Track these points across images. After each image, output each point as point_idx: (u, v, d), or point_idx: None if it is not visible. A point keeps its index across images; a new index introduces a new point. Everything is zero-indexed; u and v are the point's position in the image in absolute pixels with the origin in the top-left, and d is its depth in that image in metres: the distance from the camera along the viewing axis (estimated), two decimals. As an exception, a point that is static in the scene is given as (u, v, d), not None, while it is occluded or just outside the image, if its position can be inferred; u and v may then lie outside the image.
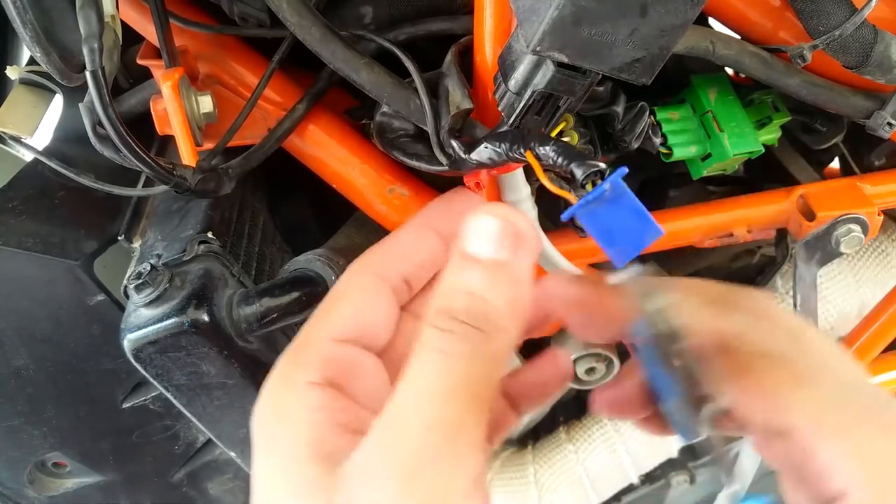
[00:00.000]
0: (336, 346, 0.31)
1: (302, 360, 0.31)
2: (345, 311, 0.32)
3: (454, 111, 0.41)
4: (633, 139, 0.50)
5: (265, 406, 0.30)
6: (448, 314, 0.27)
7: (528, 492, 0.80)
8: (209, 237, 0.50)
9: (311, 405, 0.29)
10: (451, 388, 0.26)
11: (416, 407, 0.26)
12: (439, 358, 0.26)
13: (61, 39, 0.36)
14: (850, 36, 0.43)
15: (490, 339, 0.27)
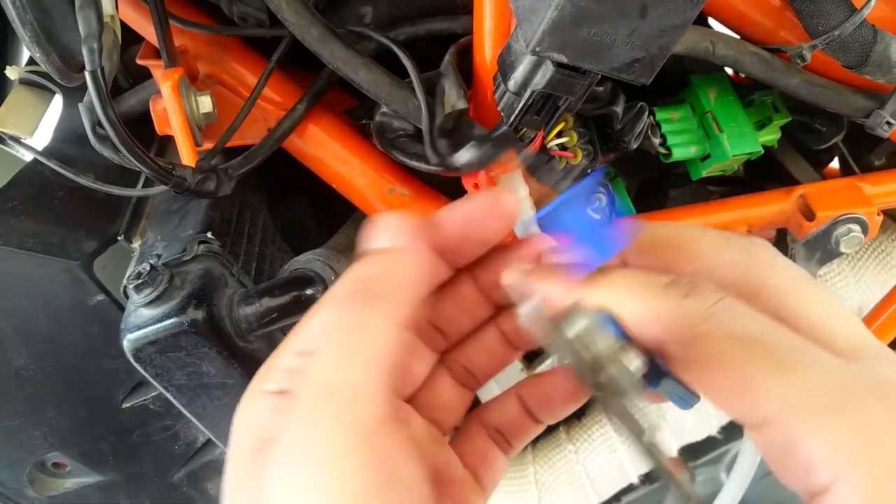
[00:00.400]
0: (299, 358, 0.30)
1: (268, 370, 0.30)
2: (315, 323, 0.31)
3: (448, 111, 0.41)
4: (633, 139, 0.50)
5: (235, 415, 0.29)
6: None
7: (528, 492, 0.80)
8: (209, 237, 0.50)
9: (263, 407, 0.28)
10: (352, 349, 0.25)
11: (314, 366, 0.25)
12: (336, 318, 0.26)
13: (61, 39, 0.36)
14: (850, 36, 0.43)
15: (385, 298, 0.26)
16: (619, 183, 0.59)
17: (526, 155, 0.29)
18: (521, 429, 0.35)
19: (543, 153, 0.45)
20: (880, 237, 0.66)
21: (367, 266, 0.28)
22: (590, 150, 0.50)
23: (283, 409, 0.26)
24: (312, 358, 0.25)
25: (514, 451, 0.35)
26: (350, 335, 0.25)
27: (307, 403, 0.24)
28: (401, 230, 0.29)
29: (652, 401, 0.28)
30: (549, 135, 0.48)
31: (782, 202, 0.58)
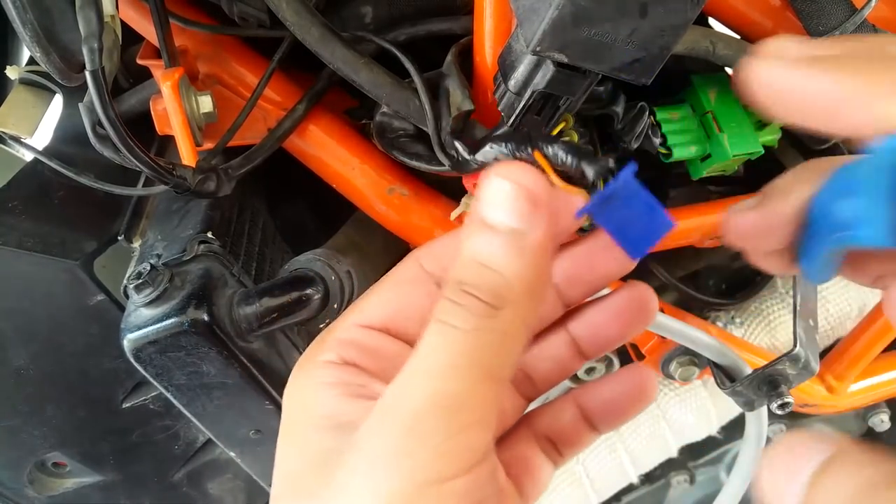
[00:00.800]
0: (360, 330, 0.31)
1: (324, 341, 0.31)
2: (375, 299, 0.32)
3: (455, 112, 0.41)
4: (633, 139, 0.50)
5: (289, 385, 0.31)
6: (459, 286, 0.26)
7: (528, 492, 0.80)
8: (209, 237, 0.50)
9: (325, 380, 0.29)
10: (455, 363, 0.25)
11: (419, 378, 0.25)
12: (446, 331, 0.25)
13: (61, 39, 0.36)
14: (850, 36, 0.43)
15: (499, 314, 0.25)
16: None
17: (555, 150, 0.28)
18: (576, 437, 0.34)
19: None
20: (880, 237, 0.65)
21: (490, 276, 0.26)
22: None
23: (363, 396, 0.28)
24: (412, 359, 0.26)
25: (563, 462, 0.35)
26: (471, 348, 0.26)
27: (405, 413, 0.25)
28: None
29: None
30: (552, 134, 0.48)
31: (782, 202, 0.58)
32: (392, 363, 0.30)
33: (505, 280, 0.26)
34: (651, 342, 0.66)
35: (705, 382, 0.78)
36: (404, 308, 0.32)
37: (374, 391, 0.29)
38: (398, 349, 0.31)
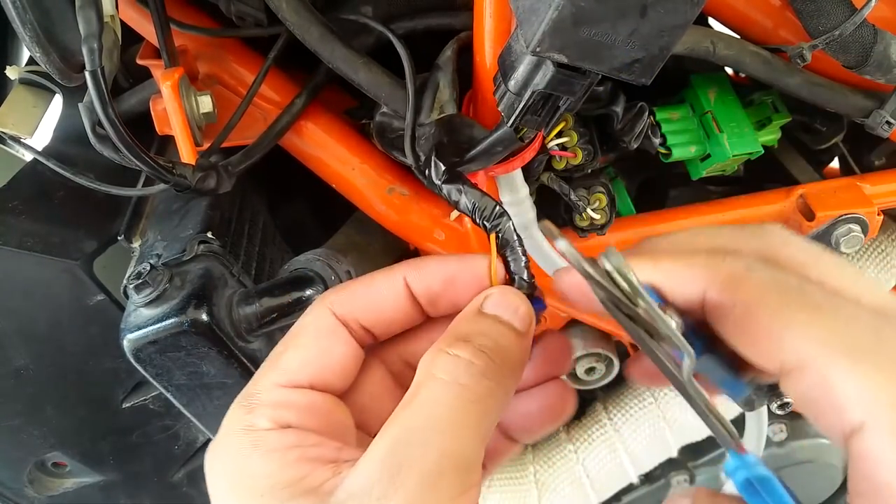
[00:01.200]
0: (285, 391, 0.30)
1: (250, 406, 0.30)
2: (294, 356, 0.31)
3: (437, 112, 0.41)
4: (633, 139, 0.50)
5: (220, 460, 0.29)
6: (471, 345, 0.28)
7: (528, 492, 0.80)
8: (209, 237, 0.50)
9: (274, 447, 0.28)
10: (468, 422, 0.26)
11: (434, 435, 0.25)
12: (455, 389, 0.27)
13: (61, 39, 0.36)
14: (850, 36, 0.43)
15: (505, 385, 0.28)
16: (619, 183, 0.59)
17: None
18: (497, 452, 0.35)
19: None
20: (880, 237, 0.66)
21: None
22: (590, 150, 0.50)
23: (322, 458, 0.27)
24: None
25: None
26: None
27: (425, 471, 0.25)
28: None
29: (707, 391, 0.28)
30: (550, 135, 0.48)
31: (782, 202, 0.58)
32: (328, 419, 0.31)
33: (509, 355, 0.29)
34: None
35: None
36: (326, 362, 0.32)
37: (332, 451, 0.28)
38: (327, 403, 0.31)
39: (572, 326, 0.69)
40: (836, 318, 0.24)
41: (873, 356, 0.23)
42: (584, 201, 0.53)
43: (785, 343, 0.24)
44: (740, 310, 0.25)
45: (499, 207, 0.35)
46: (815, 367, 0.23)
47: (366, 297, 0.33)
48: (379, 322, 0.33)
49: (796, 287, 0.25)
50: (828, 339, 0.23)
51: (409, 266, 0.33)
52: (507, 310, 0.31)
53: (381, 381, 0.36)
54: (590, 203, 0.53)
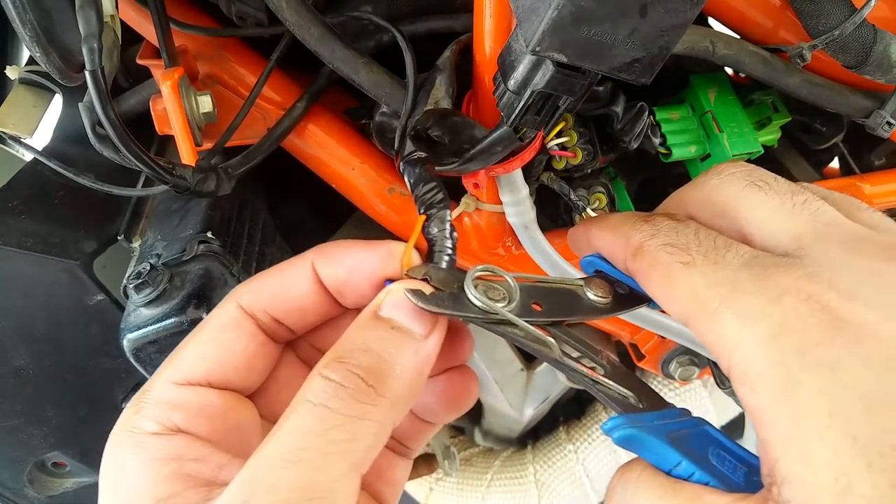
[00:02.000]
0: (180, 389, 0.29)
1: (140, 405, 0.28)
2: (192, 351, 0.30)
3: (431, 105, 0.41)
4: (633, 139, 0.50)
5: (107, 462, 0.28)
6: (344, 366, 0.26)
7: (528, 492, 0.80)
8: (209, 237, 0.50)
9: (153, 457, 0.26)
10: (328, 450, 0.24)
11: (283, 465, 0.24)
12: (322, 414, 0.25)
13: (61, 39, 0.36)
14: (850, 36, 0.43)
15: (380, 403, 0.26)
16: (619, 183, 0.59)
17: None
18: (416, 432, 0.35)
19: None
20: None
21: None
22: (590, 149, 0.50)
23: (200, 477, 0.26)
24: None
25: (414, 453, 0.35)
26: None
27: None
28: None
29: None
30: (549, 135, 0.48)
31: (782, 202, 0.58)
32: (224, 421, 0.29)
33: (397, 374, 0.27)
34: (651, 342, 0.66)
35: (705, 382, 0.78)
36: (227, 357, 0.30)
37: (218, 466, 0.27)
38: (226, 403, 0.29)
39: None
40: (712, 270, 0.26)
41: (725, 307, 0.24)
42: (584, 201, 0.53)
43: (672, 298, 0.26)
44: (643, 272, 0.28)
45: (440, 195, 0.35)
46: (690, 320, 0.26)
47: (275, 287, 0.31)
48: (290, 313, 0.31)
49: (684, 244, 0.27)
50: (700, 291, 0.25)
51: (317, 252, 0.31)
52: (405, 311, 0.28)
53: (299, 378, 0.34)
54: (590, 203, 0.53)
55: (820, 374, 0.22)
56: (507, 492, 0.81)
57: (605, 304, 0.32)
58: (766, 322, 0.23)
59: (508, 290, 0.30)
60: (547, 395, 0.76)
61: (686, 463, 0.25)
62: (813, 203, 0.27)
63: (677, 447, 0.26)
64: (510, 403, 0.77)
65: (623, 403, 0.29)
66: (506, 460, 0.83)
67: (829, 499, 0.20)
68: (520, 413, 0.78)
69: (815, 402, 0.21)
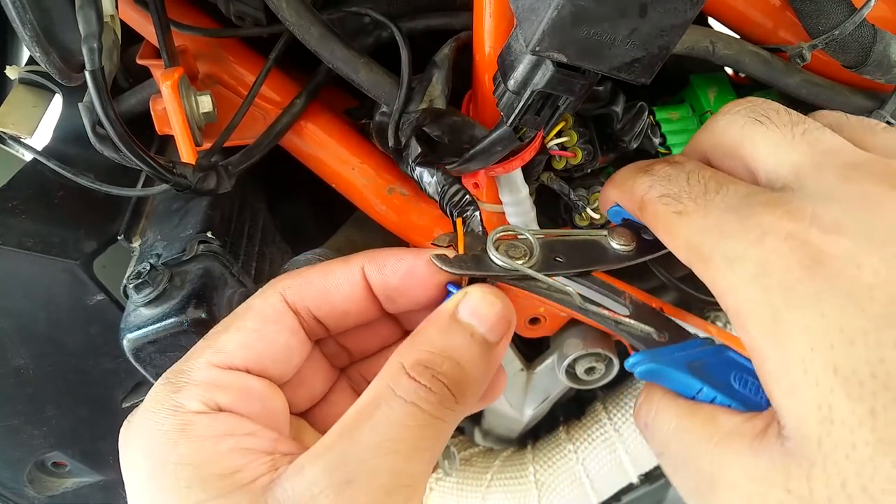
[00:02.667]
0: (220, 371, 0.29)
1: (179, 384, 0.28)
2: (233, 337, 0.30)
3: (426, 102, 0.41)
4: (633, 139, 0.50)
5: (146, 443, 0.27)
6: (431, 371, 0.28)
7: (528, 492, 0.80)
8: (209, 237, 0.50)
9: (206, 434, 0.27)
10: (420, 445, 0.26)
11: (385, 453, 0.25)
12: (414, 412, 0.27)
13: (61, 39, 0.36)
14: (850, 35, 0.43)
15: (457, 408, 0.28)
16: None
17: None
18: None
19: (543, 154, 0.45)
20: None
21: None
22: (589, 149, 0.50)
23: (257, 449, 0.27)
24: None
25: None
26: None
27: (375, 488, 0.25)
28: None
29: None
30: (549, 135, 0.48)
31: (782, 202, 0.58)
32: (262, 406, 0.29)
33: (472, 383, 0.29)
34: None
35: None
36: (267, 348, 0.30)
37: (267, 442, 0.27)
38: (263, 389, 0.30)
39: (572, 326, 0.69)
40: (702, 217, 0.26)
41: (714, 251, 0.25)
42: (583, 201, 0.53)
43: (677, 253, 0.28)
44: (650, 222, 0.29)
45: (468, 196, 0.36)
46: (696, 266, 0.26)
47: (321, 286, 0.32)
48: (332, 314, 0.32)
49: (677, 194, 0.28)
50: (693, 239, 0.26)
51: (366, 257, 0.32)
52: (483, 320, 0.30)
53: (324, 372, 0.35)
54: (589, 203, 0.53)
55: (801, 311, 0.22)
56: (507, 492, 0.81)
57: (628, 251, 0.33)
58: (749, 263, 0.24)
59: (529, 247, 0.32)
60: (547, 395, 0.76)
61: (707, 389, 0.27)
62: (813, 132, 0.28)
63: (697, 375, 0.27)
64: (510, 403, 0.77)
65: (646, 340, 0.30)
66: (506, 460, 0.83)
67: (813, 426, 0.21)
68: (520, 413, 0.78)
69: (798, 338, 0.22)
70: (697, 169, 0.29)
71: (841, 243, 0.23)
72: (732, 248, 0.25)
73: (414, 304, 0.32)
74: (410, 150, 0.40)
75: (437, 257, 0.30)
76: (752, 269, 0.24)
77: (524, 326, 0.67)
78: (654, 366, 0.28)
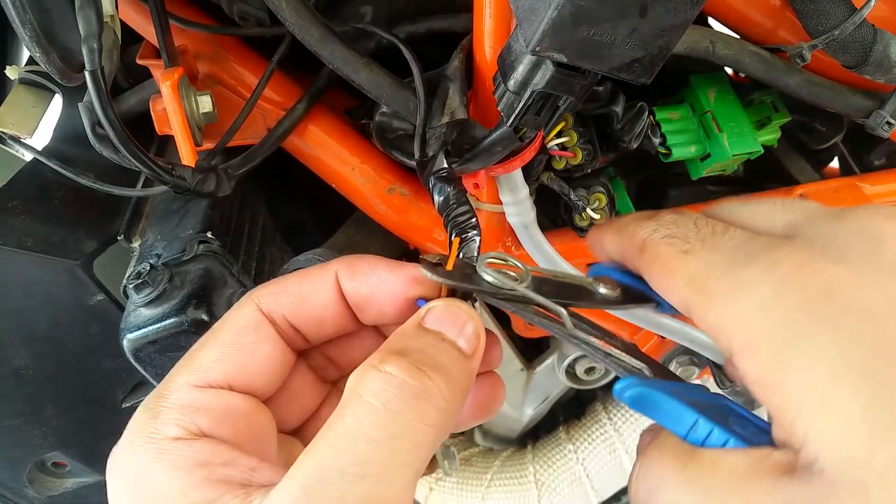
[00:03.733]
0: (200, 392, 0.28)
1: (158, 409, 0.27)
2: (211, 353, 0.29)
3: (448, 117, 0.41)
4: (633, 139, 0.50)
5: (123, 474, 0.26)
6: (406, 360, 0.25)
7: (528, 492, 0.80)
8: (209, 237, 0.50)
9: (180, 464, 0.25)
10: (394, 464, 0.23)
11: (349, 480, 0.23)
12: (383, 419, 0.24)
13: (61, 39, 0.36)
14: (850, 35, 0.43)
15: (442, 413, 0.25)
16: (619, 183, 0.59)
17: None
18: None
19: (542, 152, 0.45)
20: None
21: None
22: (589, 149, 0.50)
23: (232, 481, 0.25)
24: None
25: None
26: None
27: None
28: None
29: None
30: (549, 135, 0.48)
31: (782, 202, 0.58)
32: (247, 426, 0.28)
33: (445, 374, 0.26)
34: (651, 342, 0.66)
35: (705, 382, 0.78)
36: (247, 360, 0.29)
37: (244, 472, 0.26)
38: (247, 406, 0.29)
39: (572, 326, 0.69)
40: (709, 253, 0.26)
41: (716, 291, 0.25)
42: (583, 201, 0.53)
43: (673, 294, 0.27)
44: (644, 273, 0.29)
45: (473, 220, 0.35)
46: (696, 303, 0.26)
47: (297, 293, 0.30)
48: (308, 321, 0.31)
49: (682, 235, 0.28)
50: (698, 273, 0.26)
51: (342, 262, 0.31)
52: (451, 327, 0.28)
53: (312, 386, 0.34)
54: (589, 203, 0.53)
55: (817, 337, 0.22)
56: (507, 492, 0.81)
57: (615, 296, 0.32)
58: (762, 289, 0.24)
59: (520, 276, 0.31)
60: (547, 395, 0.76)
61: (703, 421, 0.25)
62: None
63: (693, 406, 0.25)
64: (510, 403, 0.77)
65: (637, 375, 0.29)
66: (506, 460, 0.83)
67: (854, 448, 0.20)
68: (520, 413, 0.78)
69: (817, 364, 0.22)
70: (704, 216, 0.29)
71: (850, 273, 0.23)
72: (743, 276, 0.24)
73: (382, 316, 0.31)
74: (436, 163, 0.40)
75: (425, 265, 0.29)
76: (764, 296, 0.24)
77: (523, 327, 0.67)
78: (644, 390, 0.26)
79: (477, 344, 0.28)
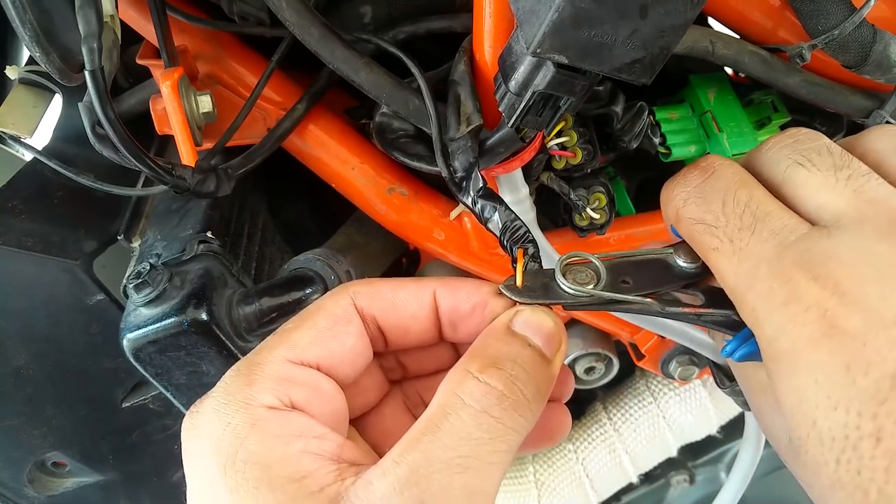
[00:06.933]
0: (293, 367, 0.29)
1: (254, 377, 0.28)
2: (306, 333, 0.30)
3: (464, 125, 0.41)
4: (632, 139, 0.50)
5: (212, 434, 0.26)
6: (503, 374, 0.27)
7: (528, 491, 0.80)
8: (209, 237, 0.50)
9: (276, 433, 0.26)
10: (492, 462, 0.26)
11: (457, 470, 0.25)
12: (486, 422, 0.26)
13: (61, 39, 0.36)
14: (849, 35, 0.43)
15: (529, 421, 0.28)
16: (619, 183, 0.59)
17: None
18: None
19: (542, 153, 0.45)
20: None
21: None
22: (589, 149, 0.50)
23: (325, 454, 0.26)
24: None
25: None
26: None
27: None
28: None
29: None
30: (550, 135, 0.48)
31: (782, 202, 0.58)
32: (331, 406, 0.29)
33: (536, 387, 0.28)
34: (651, 342, 0.66)
35: (705, 382, 0.78)
36: (338, 348, 0.30)
37: (334, 447, 0.27)
38: (332, 389, 0.30)
39: (572, 326, 0.69)
40: (737, 261, 0.27)
41: (753, 284, 0.27)
42: (583, 201, 0.53)
43: (716, 275, 0.29)
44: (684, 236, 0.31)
45: (529, 233, 0.36)
46: (735, 302, 0.28)
47: (391, 299, 0.32)
48: (396, 328, 0.32)
49: (712, 222, 0.29)
50: (729, 280, 0.28)
51: (441, 282, 0.32)
52: (536, 331, 0.29)
53: (379, 384, 0.35)
54: (589, 203, 0.53)
55: (800, 376, 0.24)
56: (507, 492, 0.81)
57: (694, 268, 0.32)
58: (769, 326, 0.26)
59: (596, 271, 0.32)
60: (547, 395, 0.77)
61: None
62: (857, 179, 0.27)
63: None
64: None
65: (730, 323, 0.30)
66: (505, 460, 0.83)
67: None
68: (519, 413, 0.78)
69: (794, 396, 0.24)
70: (733, 189, 0.29)
71: (855, 319, 0.24)
72: (760, 306, 0.26)
73: (474, 335, 0.32)
74: (472, 182, 0.39)
75: (506, 287, 0.31)
76: (772, 332, 0.26)
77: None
78: (753, 348, 0.28)
79: (557, 347, 0.30)
